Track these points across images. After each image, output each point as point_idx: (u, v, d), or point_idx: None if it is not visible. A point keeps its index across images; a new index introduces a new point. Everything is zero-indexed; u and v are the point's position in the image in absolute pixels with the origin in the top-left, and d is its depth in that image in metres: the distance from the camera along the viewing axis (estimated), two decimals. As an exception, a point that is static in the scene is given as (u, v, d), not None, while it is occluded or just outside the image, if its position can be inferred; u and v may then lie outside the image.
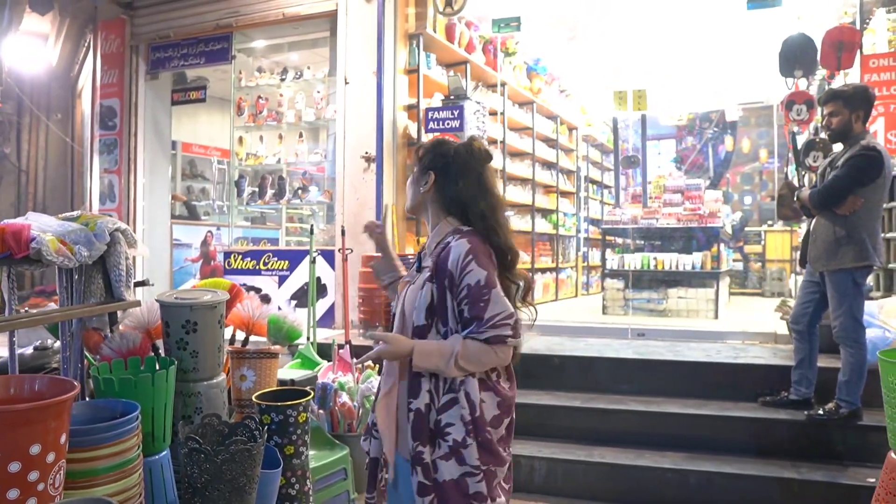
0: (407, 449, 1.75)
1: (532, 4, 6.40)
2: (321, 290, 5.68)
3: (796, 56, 4.66)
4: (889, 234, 4.62)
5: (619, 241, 7.75)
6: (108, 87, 6.58)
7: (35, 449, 1.72)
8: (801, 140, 4.61)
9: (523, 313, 1.86)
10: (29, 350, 3.18)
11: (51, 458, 1.77)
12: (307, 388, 2.97)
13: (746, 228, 10.27)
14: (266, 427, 2.71)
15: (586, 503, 3.50)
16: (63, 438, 1.83)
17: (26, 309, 4.28)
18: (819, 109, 4.50)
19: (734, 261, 8.70)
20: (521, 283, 1.85)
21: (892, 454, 2.16)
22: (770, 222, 9.63)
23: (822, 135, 4.12)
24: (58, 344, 3.01)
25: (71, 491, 1.93)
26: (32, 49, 7.52)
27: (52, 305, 2.93)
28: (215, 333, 2.70)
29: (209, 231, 7.58)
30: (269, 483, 2.47)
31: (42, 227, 2.55)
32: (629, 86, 7.86)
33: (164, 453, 2.43)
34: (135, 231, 6.48)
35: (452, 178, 1.82)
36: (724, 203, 10.77)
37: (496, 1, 6.29)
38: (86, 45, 7.03)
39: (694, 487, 3.38)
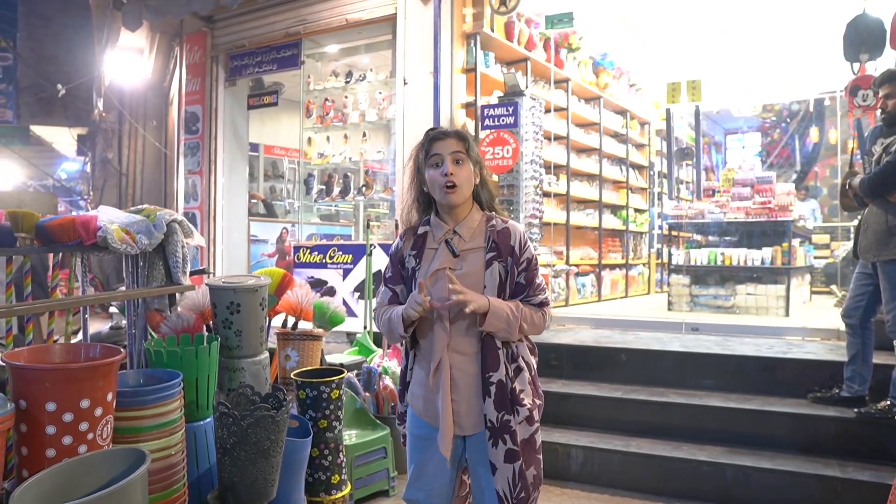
0: (473, 423, 1.86)
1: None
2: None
3: (862, 38, 4.43)
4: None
5: (689, 235, 7.55)
6: (192, 95, 7.13)
7: (85, 403, 2.00)
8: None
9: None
10: (106, 329, 3.59)
11: (98, 412, 2.05)
12: (342, 368, 3.17)
13: (836, 223, 9.67)
14: (301, 401, 2.95)
15: (621, 493, 3.52)
16: (110, 396, 2.10)
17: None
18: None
19: (815, 258, 8.24)
20: None
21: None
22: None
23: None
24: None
25: (119, 444, 2.21)
26: (130, 63, 8.23)
27: (122, 289, 3.29)
28: (257, 314, 2.96)
29: (284, 228, 8.02)
30: (299, 451, 2.69)
31: (110, 218, 2.89)
32: (699, 78, 7.66)
33: (207, 420, 2.70)
34: (215, 228, 7.01)
35: (484, 169, 2.00)
36: (811, 198, 10.29)
37: (554, -2, 6.32)
38: (174, 57, 7.63)
39: (730, 481, 3.33)
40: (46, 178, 12.38)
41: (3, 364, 2.57)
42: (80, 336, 3.05)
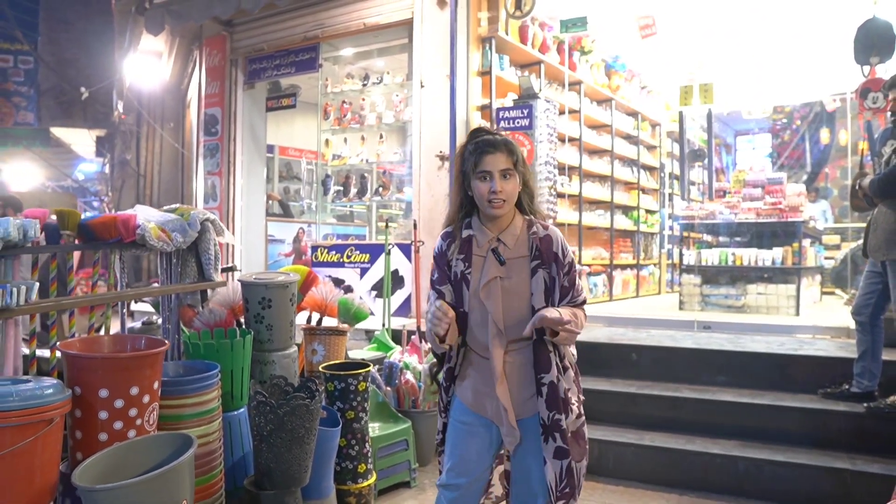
0: (521, 410, 1.96)
1: (603, 3, 6.49)
2: (399, 281, 6.04)
3: (873, 42, 4.51)
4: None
5: (699, 236, 7.63)
6: (211, 97, 7.29)
7: (134, 390, 2.14)
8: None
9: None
10: (138, 324, 3.73)
11: (146, 399, 2.18)
12: (368, 362, 3.30)
13: (847, 224, 9.71)
14: (329, 393, 3.07)
15: (635, 484, 3.62)
16: (156, 385, 2.24)
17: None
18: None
19: (825, 258, 8.29)
20: None
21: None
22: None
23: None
24: (161, 319, 3.51)
25: (163, 431, 2.34)
26: (149, 66, 8.41)
27: (156, 285, 3.42)
28: (287, 309, 3.09)
29: (301, 228, 8.15)
30: (330, 439, 2.81)
31: (146, 217, 3.03)
32: (710, 80, 7.74)
33: (241, 410, 2.84)
34: (233, 228, 7.15)
35: (528, 175, 2.03)
36: (822, 199, 10.33)
37: (568, 2, 6.42)
38: (193, 60, 7.79)
39: (743, 474, 3.43)
40: (64, 179, 12.59)
41: (41, 356, 2.71)
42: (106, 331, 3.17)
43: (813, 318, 5.68)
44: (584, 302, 1.99)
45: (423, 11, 5.93)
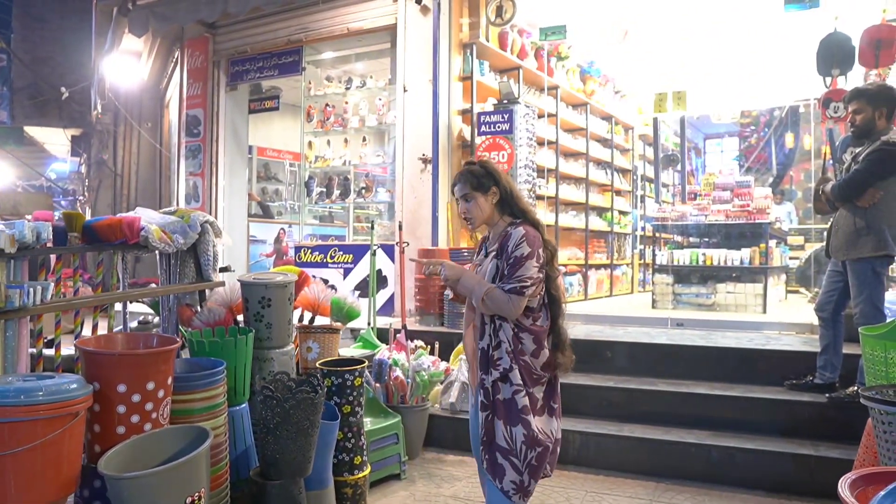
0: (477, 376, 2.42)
1: (580, 11, 6.70)
2: (382, 281, 6.16)
3: (833, 55, 4.79)
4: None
5: (671, 237, 7.90)
6: (193, 99, 7.32)
7: (150, 385, 2.25)
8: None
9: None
10: (134, 324, 3.80)
11: (161, 393, 2.29)
12: (363, 359, 3.43)
13: (811, 226, 10.10)
14: (327, 388, 3.20)
15: (616, 473, 3.82)
16: (170, 380, 2.35)
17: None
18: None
19: (790, 258, 8.65)
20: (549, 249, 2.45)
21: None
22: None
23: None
24: (157, 319, 3.61)
25: (174, 424, 2.44)
26: (128, 66, 8.38)
27: (153, 285, 3.51)
28: (286, 309, 3.20)
29: (282, 228, 8.22)
30: (330, 432, 2.94)
31: (148, 219, 3.12)
32: (682, 86, 8.00)
33: (243, 405, 2.95)
34: (216, 228, 7.19)
35: (502, 187, 2.45)
36: (787, 201, 10.73)
37: (546, 9, 6.62)
38: (174, 61, 7.80)
39: (716, 461, 3.65)
40: (36, 179, 12.41)
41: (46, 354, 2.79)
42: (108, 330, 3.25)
43: (779, 315, 5.97)
44: (512, 290, 2.26)
45: (406, 17, 6.07)
